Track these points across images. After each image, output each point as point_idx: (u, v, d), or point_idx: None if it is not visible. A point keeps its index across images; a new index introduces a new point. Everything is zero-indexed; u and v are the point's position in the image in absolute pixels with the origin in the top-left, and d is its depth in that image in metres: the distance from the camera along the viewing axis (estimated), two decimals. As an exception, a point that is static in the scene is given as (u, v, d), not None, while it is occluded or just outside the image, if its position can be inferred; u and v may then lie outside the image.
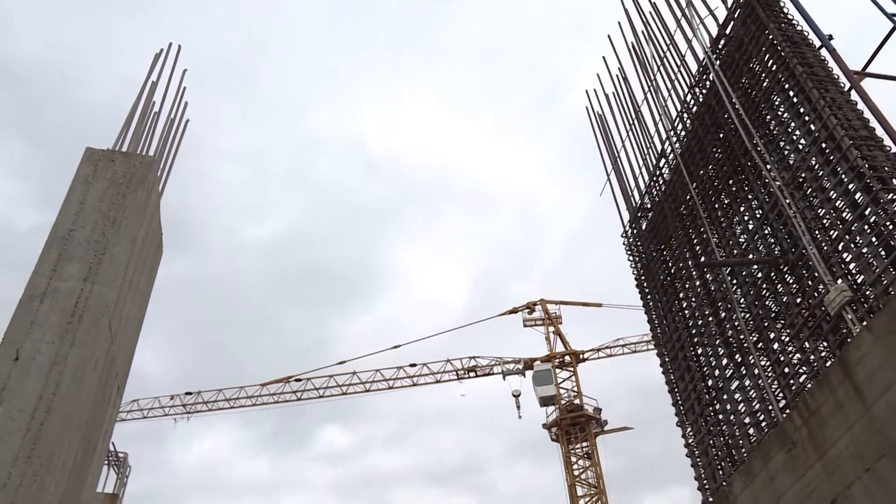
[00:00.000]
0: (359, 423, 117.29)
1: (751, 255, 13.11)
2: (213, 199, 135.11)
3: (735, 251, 13.64)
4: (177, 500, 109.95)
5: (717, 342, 14.02)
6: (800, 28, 12.75)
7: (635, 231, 18.62)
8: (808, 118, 11.61)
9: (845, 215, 10.77)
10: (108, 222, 12.77)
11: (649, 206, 18.14)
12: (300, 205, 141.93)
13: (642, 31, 17.96)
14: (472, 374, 58.48)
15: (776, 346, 12.29)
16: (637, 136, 18.72)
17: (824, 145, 11.05)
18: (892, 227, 9.71)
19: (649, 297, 17.36)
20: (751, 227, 13.36)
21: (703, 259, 14.89)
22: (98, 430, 13.26)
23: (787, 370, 11.78)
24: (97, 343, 11.62)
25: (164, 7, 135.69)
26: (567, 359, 57.38)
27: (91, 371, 11.49)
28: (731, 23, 14.35)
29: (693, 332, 15.14)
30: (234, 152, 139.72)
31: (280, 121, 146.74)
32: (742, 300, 13.31)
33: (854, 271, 10.76)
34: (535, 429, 56.27)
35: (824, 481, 9.51)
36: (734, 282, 13.63)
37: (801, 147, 11.89)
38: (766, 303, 12.67)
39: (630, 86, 19.06)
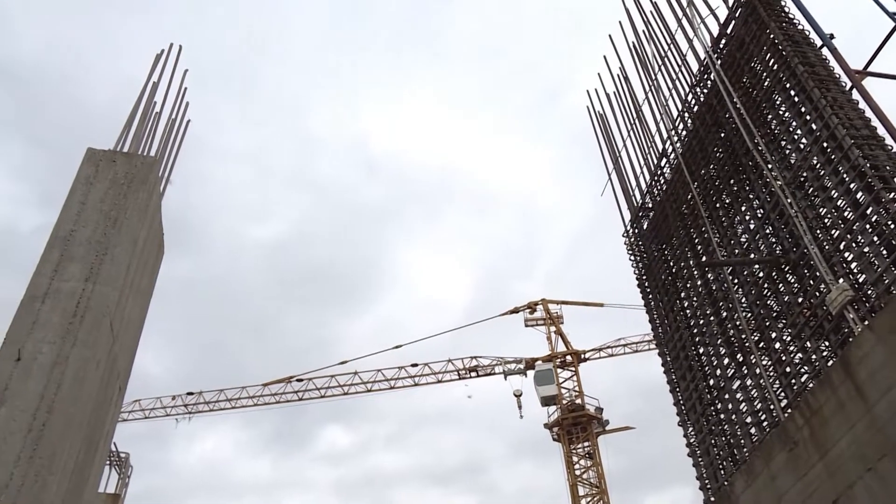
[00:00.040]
0: (360, 423, 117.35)
1: (752, 255, 13.10)
2: (213, 200, 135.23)
3: (736, 251, 13.64)
4: (178, 501, 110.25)
5: (719, 342, 14.01)
6: (801, 27, 12.74)
7: (636, 231, 18.61)
8: (809, 117, 11.60)
9: (847, 214, 10.75)
10: (110, 223, 12.79)
11: (650, 205, 18.13)
12: (301, 205, 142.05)
13: (643, 31, 17.96)
14: (473, 374, 58.47)
15: (778, 345, 12.28)
16: (638, 136, 18.74)
17: (826, 144, 11.04)
18: (893, 226, 9.69)
19: (651, 297, 17.35)
20: (752, 226, 13.35)
21: (704, 258, 14.88)
22: (100, 430, 13.28)
23: (788, 370, 11.77)
24: (99, 343, 11.63)
25: (164, 7, 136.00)
26: (568, 358, 57.37)
27: (93, 371, 11.50)
28: (733, 22, 14.34)
29: (694, 331, 15.13)
30: (235, 152, 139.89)
31: (280, 121, 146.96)
32: (743, 300, 13.31)
33: (856, 271, 10.74)
34: (537, 429, 56.35)
35: (826, 481, 9.51)
36: (736, 281, 13.62)
37: (802, 146, 11.88)
38: (768, 302, 12.66)
39: (631, 85, 19.07)
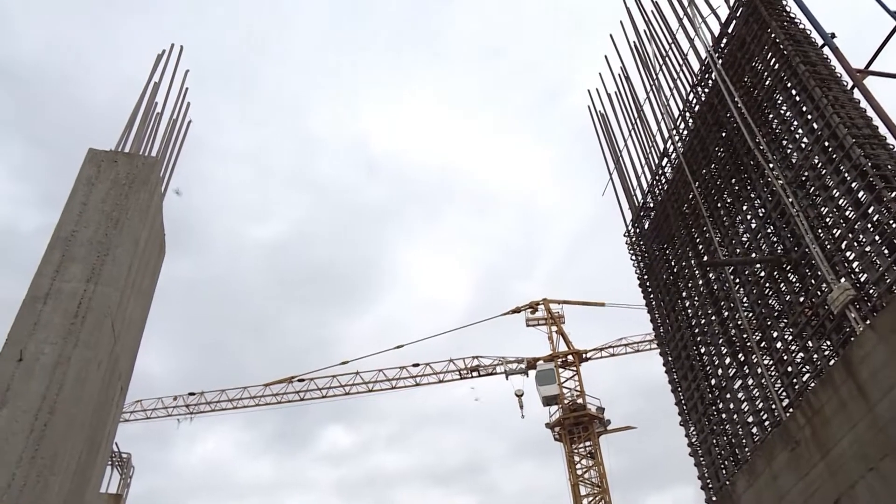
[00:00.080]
0: (362, 424, 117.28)
1: (754, 254, 13.09)
2: (214, 200, 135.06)
3: (738, 250, 13.63)
4: (180, 501, 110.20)
5: (720, 341, 13.99)
6: (802, 26, 12.73)
7: (638, 230, 18.60)
8: (810, 116, 11.59)
9: (848, 214, 10.73)
10: (111, 223, 12.79)
11: (652, 205, 18.12)
12: (301, 205, 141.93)
13: (644, 30, 17.96)
14: (474, 373, 58.48)
15: (779, 345, 12.27)
16: (639, 136, 18.72)
17: (827, 144, 11.03)
18: (895, 225, 9.69)
19: (652, 297, 17.34)
20: (753, 225, 13.34)
21: (705, 258, 14.87)
22: (101, 430, 13.28)
23: (790, 369, 11.76)
24: (100, 344, 11.64)
25: (164, 7, 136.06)
26: (570, 358, 57.34)
27: (94, 372, 11.51)
28: (734, 21, 14.32)
29: (696, 331, 15.12)
30: (235, 153, 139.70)
31: (280, 121, 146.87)
32: (745, 299, 13.30)
33: (857, 270, 10.73)
34: (538, 428, 56.34)
35: (828, 480, 9.50)
36: (737, 281, 13.61)
37: (803, 146, 11.86)
38: (769, 302, 12.65)
39: (632, 85, 19.06)
